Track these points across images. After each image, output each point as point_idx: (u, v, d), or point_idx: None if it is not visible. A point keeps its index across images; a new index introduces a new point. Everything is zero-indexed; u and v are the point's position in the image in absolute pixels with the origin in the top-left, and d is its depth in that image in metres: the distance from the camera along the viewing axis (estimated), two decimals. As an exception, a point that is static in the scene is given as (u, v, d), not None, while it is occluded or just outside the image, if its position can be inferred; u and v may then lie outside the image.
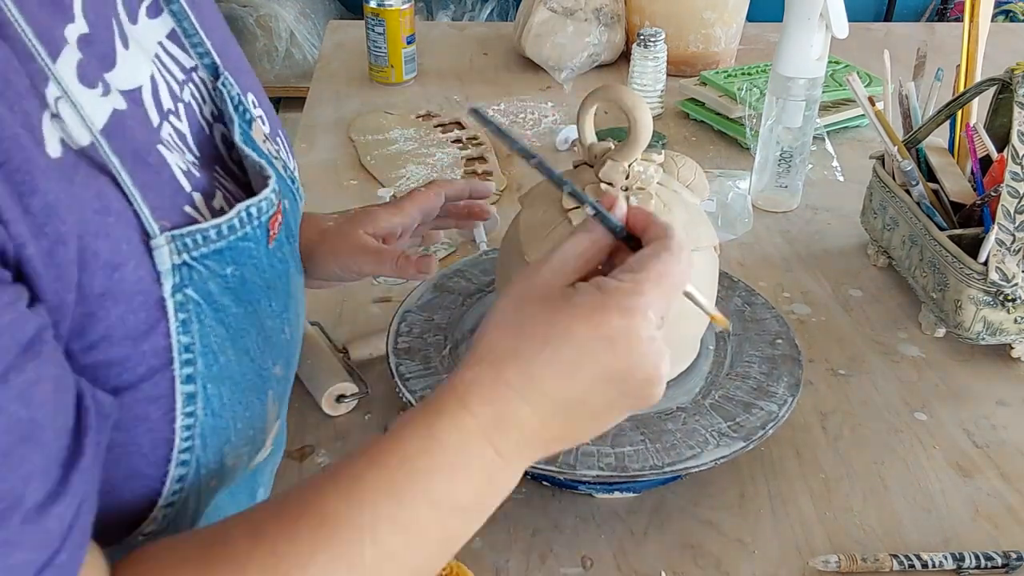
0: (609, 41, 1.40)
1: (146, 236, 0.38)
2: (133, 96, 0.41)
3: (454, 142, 1.18)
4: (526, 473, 0.63)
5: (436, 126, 1.23)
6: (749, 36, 1.53)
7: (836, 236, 0.98)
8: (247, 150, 0.46)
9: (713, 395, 0.65)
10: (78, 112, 0.36)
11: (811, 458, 0.68)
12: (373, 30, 1.34)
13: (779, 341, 0.71)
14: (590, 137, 0.62)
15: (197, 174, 0.43)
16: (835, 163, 1.12)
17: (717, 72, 1.25)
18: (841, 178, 1.10)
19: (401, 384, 0.65)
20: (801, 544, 0.61)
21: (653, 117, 0.83)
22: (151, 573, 0.38)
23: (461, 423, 0.41)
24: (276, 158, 0.48)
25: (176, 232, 0.38)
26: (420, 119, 1.25)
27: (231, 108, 0.47)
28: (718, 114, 1.21)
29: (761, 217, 1.01)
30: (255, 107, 0.51)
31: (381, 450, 0.40)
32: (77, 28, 0.38)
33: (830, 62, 1.23)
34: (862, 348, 0.80)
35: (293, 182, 0.54)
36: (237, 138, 0.47)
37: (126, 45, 0.41)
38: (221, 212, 0.43)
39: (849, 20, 0.91)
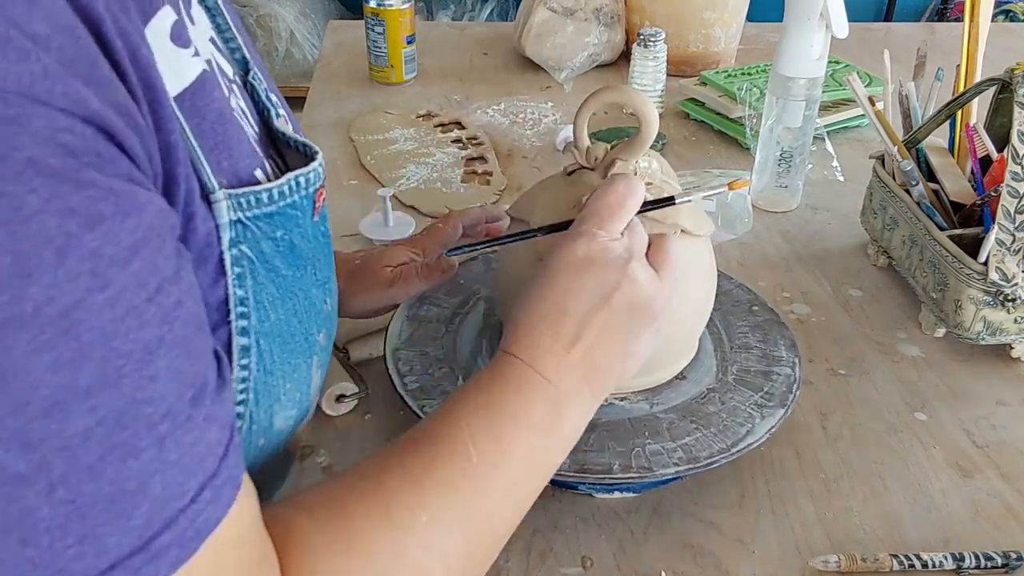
0: (609, 41, 1.40)
1: (206, 191, 0.39)
2: (208, 63, 0.43)
3: (454, 142, 1.18)
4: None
5: (436, 126, 1.23)
6: (749, 36, 1.53)
7: (836, 236, 0.99)
8: (289, 132, 0.48)
9: (731, 371, 0.68)
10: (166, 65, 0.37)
11: (811, 458, 0.68)
12: (373, 30, 1.34)
13: (755, 308, 0.75)
14: (588, 140, 0.62)
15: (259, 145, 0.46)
16: (835, 163, 1.12)
17: (717, 72, 1.25)
18: (841, 178, 1.10)
19: (400, 386, 0.65)
20: (801, 544, 0.61)
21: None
22: (316, 511, 0.42)
23: (511, 360, 0.50)
24: None
25: (232, 191, 0.40)
26: (420, 119, 1.25)
27: (264, 99, 0.49)
28: (718, 114, 1.21)
29: (761, 217, 1.01)
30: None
31: (466, 388, 0.50)
32: None
33: (830, 62, 1.23)
34: (862, 348, 0.80)
35: None
36: (276, 123, 0.49)
37: (193, 21, 0.43)
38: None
39: (849, 20, 0.91)
